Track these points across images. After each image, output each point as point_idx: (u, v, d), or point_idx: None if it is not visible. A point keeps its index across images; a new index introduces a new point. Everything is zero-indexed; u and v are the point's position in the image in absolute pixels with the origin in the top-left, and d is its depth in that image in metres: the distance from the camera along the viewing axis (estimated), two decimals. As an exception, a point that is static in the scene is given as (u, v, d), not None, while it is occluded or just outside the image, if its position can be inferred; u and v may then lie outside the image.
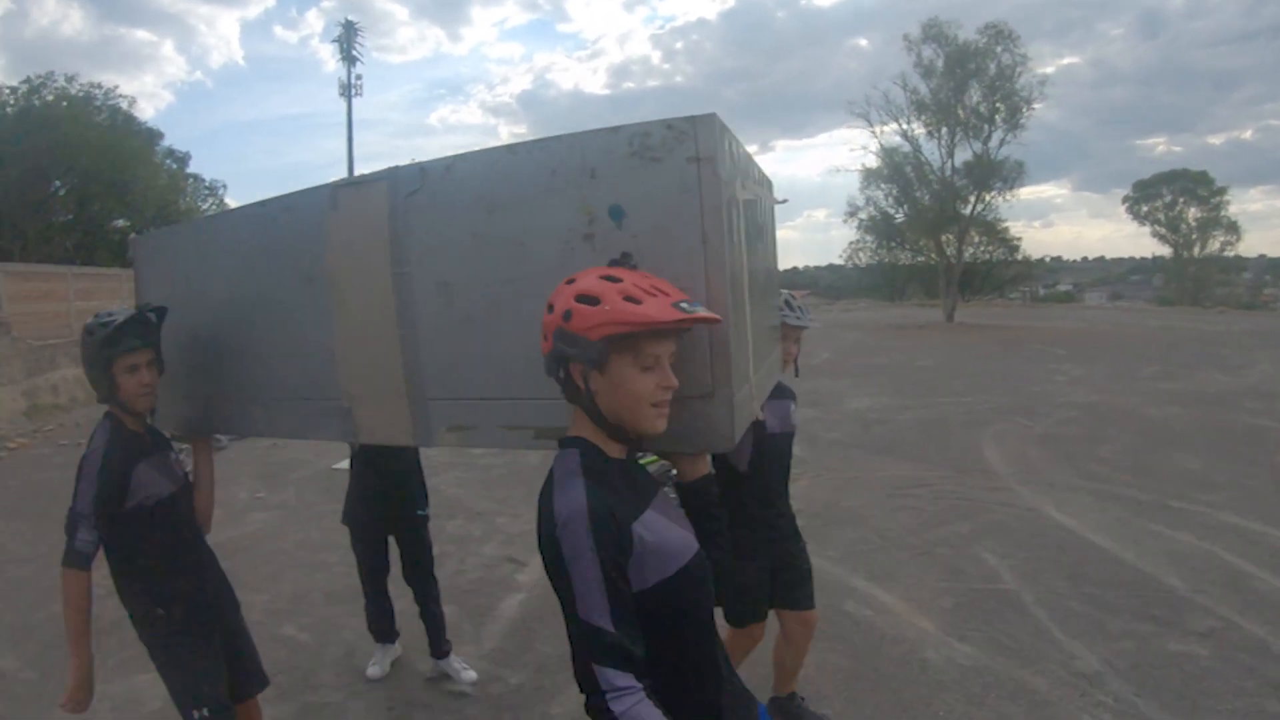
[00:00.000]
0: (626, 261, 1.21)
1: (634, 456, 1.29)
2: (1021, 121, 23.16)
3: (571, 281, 1.15)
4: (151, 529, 1.97)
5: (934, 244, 25.88)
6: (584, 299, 1.11)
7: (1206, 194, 38.34)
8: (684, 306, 1.11)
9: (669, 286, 1.17)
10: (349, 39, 38.20)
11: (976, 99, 23.55)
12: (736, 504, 2.43)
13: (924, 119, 24.33)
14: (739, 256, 1.32)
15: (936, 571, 4.12)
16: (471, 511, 5.41)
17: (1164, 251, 41.15)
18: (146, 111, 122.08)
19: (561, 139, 1.32)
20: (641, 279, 1.15)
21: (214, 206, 26.98)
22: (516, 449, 1.48)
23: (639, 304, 1.09)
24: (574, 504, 1.09)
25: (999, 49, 22.89)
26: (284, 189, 1.76)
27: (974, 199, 24.21)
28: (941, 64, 23.57)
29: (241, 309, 1.88)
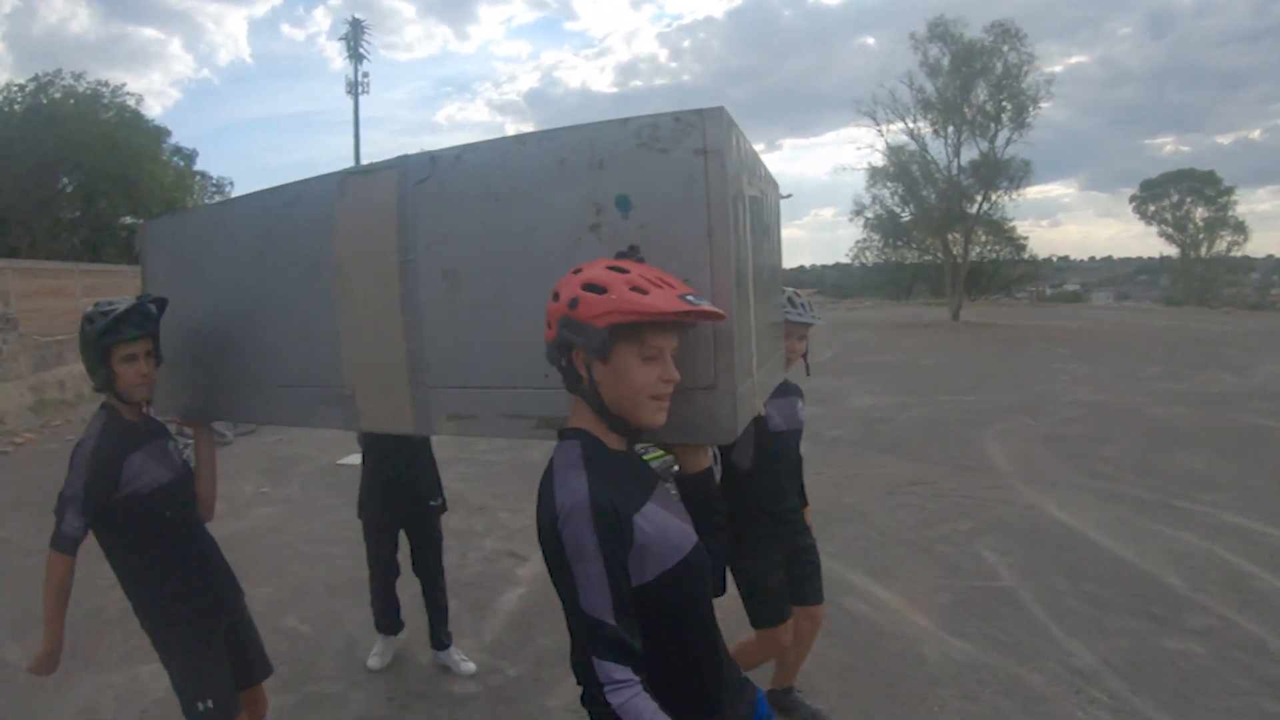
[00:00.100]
0: (633, 255, 1.22)
1: (634, 448, 1.30)
2: (1028, 120, 23.14)
3: (578, 271, 1.17)
4: (151, 519, 1.97)
5: (940, 243, 25.82)
6: (591, 288, 1.12)
7: (1214, 194, 38.14)
8: (690, 299, 1.12)
9: (675, 280, 1.18)
10: (356, 37, 38.43)
11: (983, 98, 23.51)
12: (744, 500, 2.44)
13: (930, 118, 24.30)
14: (744, 250, 1.32)
15: (935, 568, 4.13)
16: (473, 506, 5.43)
17: (1171, 251, 40.99)
18: (154, 109, 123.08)
19: (570, 130, 1.33)
20: (648, 271, 1.16)
21: (221, 204, 27.00)
22: (516, 438, 1.48)
23: (646, 294, 1.10)
24: (576, 496, 1.10)
25: (1005, 47, 22.85)
26: (290, 186, 1.76)
27: (980, 198, 24.16)
28: (947, 63, 23.53)
29: (247, 295, 1.89)
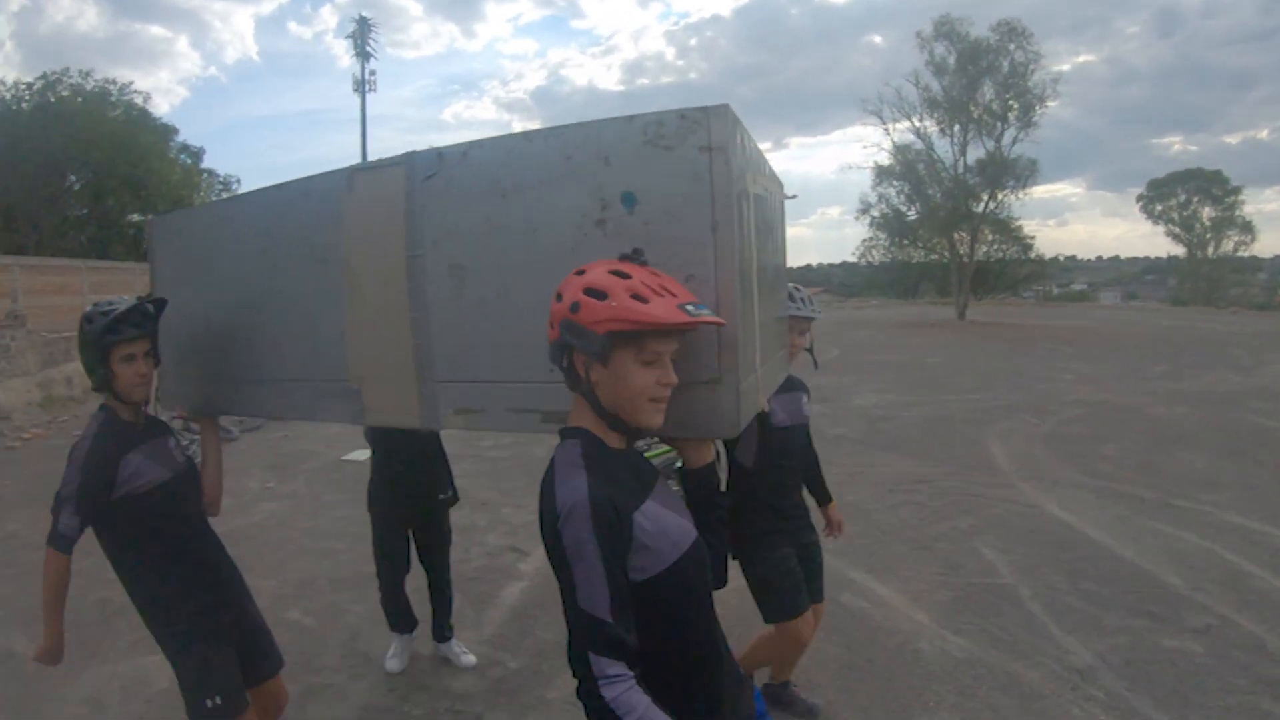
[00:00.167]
0: (637, 257, 1.21)
1: (635, 445, 1.32)
2: (1035, 119, 23.09)
3: (581, 273, 1.16)
4: (149, 518, 1.96)
5: (946, 242, 25.76)
6: (592, 292, 1.13)
7: (1221, 193, 38.02)
8: (690, 309, 1.12)
9: (677, 286, 1.18)
10: (363, 35, 38.43)
11: (989, 96, 23.46)
12: (749, 496, 2.46)
13: (936, 116, 24.28)
14: (748, 247, 1.33)
15: (934, 565, 4.14)
16: (477, 501, 5.46)
17: (1178, 251, 40.86)
18: (161, 107, 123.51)
19: (577, 126, 1.34)
20: (650, 277, 1.15)
21: (227, 202, 27.12)
22: (523, 432, 1.49)
23: (646, 303, 1.10)
24: (576, 496, 1.12)
25: (1012, 46, 22.79)
26: (298, 184, 1.78)
27: (986, 197, 24.11)
28: (954, 61, 23.48)
29: (254, 291, 1.91)
